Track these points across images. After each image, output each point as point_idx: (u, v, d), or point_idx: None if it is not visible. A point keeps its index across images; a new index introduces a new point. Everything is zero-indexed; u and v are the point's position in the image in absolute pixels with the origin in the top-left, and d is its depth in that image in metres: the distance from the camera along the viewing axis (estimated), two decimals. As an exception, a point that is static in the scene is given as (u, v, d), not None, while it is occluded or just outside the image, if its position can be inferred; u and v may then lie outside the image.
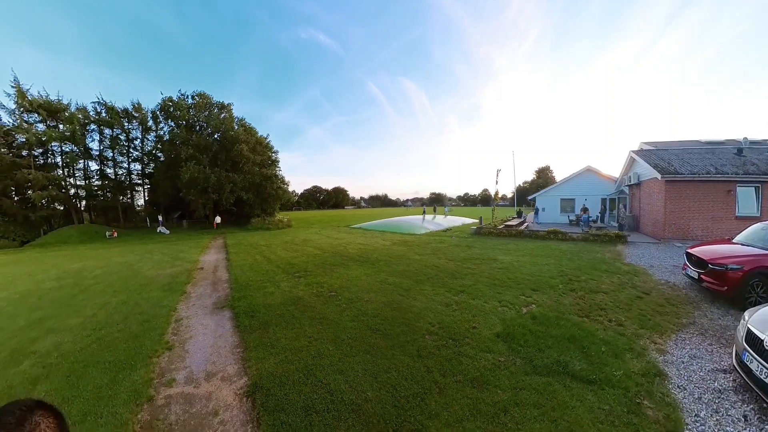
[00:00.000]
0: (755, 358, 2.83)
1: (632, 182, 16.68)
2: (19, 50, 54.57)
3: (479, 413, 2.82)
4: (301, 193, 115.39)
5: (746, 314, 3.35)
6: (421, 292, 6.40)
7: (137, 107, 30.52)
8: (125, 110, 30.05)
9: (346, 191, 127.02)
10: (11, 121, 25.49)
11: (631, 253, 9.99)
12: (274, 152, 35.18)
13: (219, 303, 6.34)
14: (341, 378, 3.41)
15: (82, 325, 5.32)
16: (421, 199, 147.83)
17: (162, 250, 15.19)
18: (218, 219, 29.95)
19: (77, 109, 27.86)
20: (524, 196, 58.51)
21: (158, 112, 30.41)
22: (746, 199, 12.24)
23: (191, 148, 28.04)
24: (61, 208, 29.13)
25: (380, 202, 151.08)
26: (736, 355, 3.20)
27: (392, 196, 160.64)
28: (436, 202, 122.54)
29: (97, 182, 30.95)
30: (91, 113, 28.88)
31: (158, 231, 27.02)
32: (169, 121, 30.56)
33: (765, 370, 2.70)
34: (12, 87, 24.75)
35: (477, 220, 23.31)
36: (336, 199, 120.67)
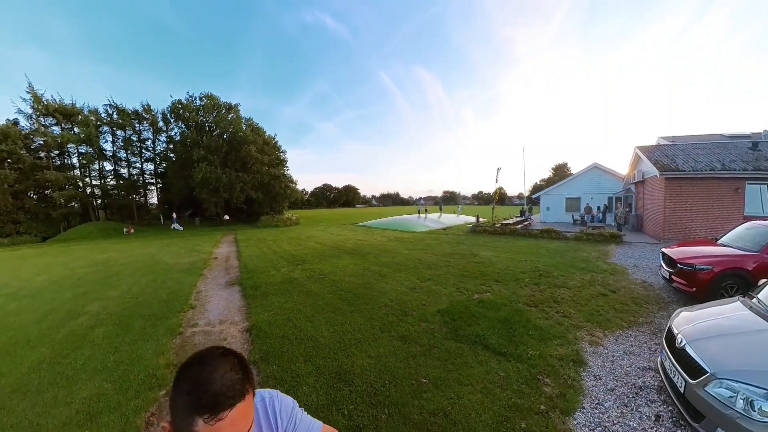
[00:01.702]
0: (668, 357, 2.69)
1: (637, 180, 16.00)
2: (23, 50, 55.43)
3: (394, 354, 3.66)
4: (311, 192, 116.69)
5: (676, 311, 3.19)
6: (395, 278, 7.19)
7: (147, 108, 31.83)
8: (135, 111, 31.39)
9: (356, 189, 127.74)
10: (29, 125, 27.10)
11: (620, 253, 9.59)
12: (281, 152, 35.92)
13: (231, 281, 7.63)
14: (309, 324, 4.65)
15: (120, 296, 6.62)
16: (435, 197, 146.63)
17: (178, 243, 16.45)
18: (226, 216, 31.13)
19: (90, 111, 29.27)
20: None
21: (168, 115, 31.58)
22: (756, 198, 11.50)
23: (203, 150, 29.03)
24: (79, 206, 30.76)
25: (392, 200, 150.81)
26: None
27: (405, 195, 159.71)
28: (449, 200, 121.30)
29: (111, 182, 32.52)
30: (102, 115, 30.30)
31: (172, 227, 28.17)
32: (179, 122, 31.69)
33: (674, 369, 2.56)
34: (27, 92, 26.23)
35: (482, 219, 22.96)
36: (346, 197, 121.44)
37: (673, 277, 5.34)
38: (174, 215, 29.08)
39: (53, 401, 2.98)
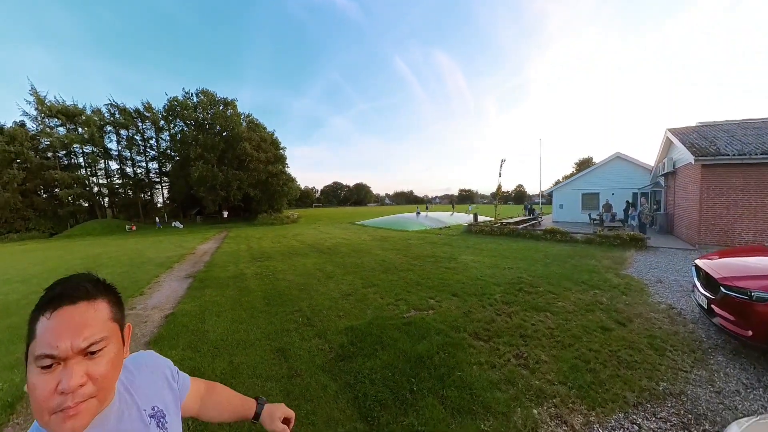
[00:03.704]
0: None
1: (666, 170, 13.45)
2: (26, 49, 57.56)
3: (253, 368, 3.19)
4: (322, 190, 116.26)
5: (733, 428, 1.44)
6: (340, 280, 6.54)
7: (148, 107, 31.80)
8: (137, 111, 31.44)
9: (368, 187, 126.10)
10: (35, 126, 27.66)
11: (640, 262, 7.52)
12: (281, 148, 35.07)
13: (189, 274, 7.95)
14: (215, 318, 4.66)
15: None
16: (450, 196, 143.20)
17: (171, 240, 17.16)
18: (225, 213, 30.81)
19: (93, 111, 29.55)
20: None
21: (166, 113, 31.40)
22: (827, 190, 8.95)
23: (199, 148, 28.70)
24: (86, 204, 31.34)
25: (405, 198, 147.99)
26: None
27: (420, 193, 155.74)
28: (466, 199, 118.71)
29: (118, 180, 32.87)
30: (105, 115, 30.52)
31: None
32: (177, 120, 31.47)
33: None
34: (31, 95, 26.66)
35: (484, 218, 20.90)
36: (357, 195, 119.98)
37: (713, 307, 3.44)
38: (157, 219, 29.45)
39: (6, 352, 3.90)
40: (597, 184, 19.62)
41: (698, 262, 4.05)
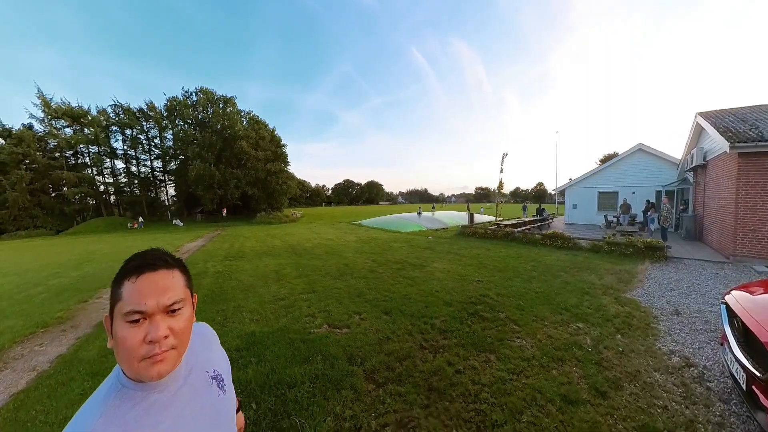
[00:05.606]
0: None
1: (696, 163, 11.36)
2: (35, 50, 59.45)
3: None
4: (333, 188, 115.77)
5: None
6: (286, 285, 6.17)
7: (151, 106, 32.00)
8: (141, 110, 31.65)
9: (380, 185, 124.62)
10: (42, 128, 28.34)
11: (654, 279, 5.87)
12: (281, 146, 34.45)
13: None
14: None
15: (78, 276, 7.94)
16: (467, 194, 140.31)
17: (164, 238, 17.44)
18: (224, 212, 30.64)
19: (98, 112, 29.99)
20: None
21: (167, 112, 31.42)
22: None
23: (197, 147, 28.52)
24: (93, 202, 31.98)
25: (419, 197, 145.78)
26: None
27: (435, 191, 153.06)
28: (483, 197, 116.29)
29: (123, 179, 33.36)
30: (110, 115, 30.91)
31: (138, 227, 28.23)
32: (178, 120, 31.45)
33: None
34: (37, 98, 27.23)
35: (484, 219, 19.26)
36: (369, 194, 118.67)
37: (757, 392, 1.97)
38: (141, 219, 29.54)
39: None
40: (616, 180, 17.47)
41: (730, 299, 2.56)
